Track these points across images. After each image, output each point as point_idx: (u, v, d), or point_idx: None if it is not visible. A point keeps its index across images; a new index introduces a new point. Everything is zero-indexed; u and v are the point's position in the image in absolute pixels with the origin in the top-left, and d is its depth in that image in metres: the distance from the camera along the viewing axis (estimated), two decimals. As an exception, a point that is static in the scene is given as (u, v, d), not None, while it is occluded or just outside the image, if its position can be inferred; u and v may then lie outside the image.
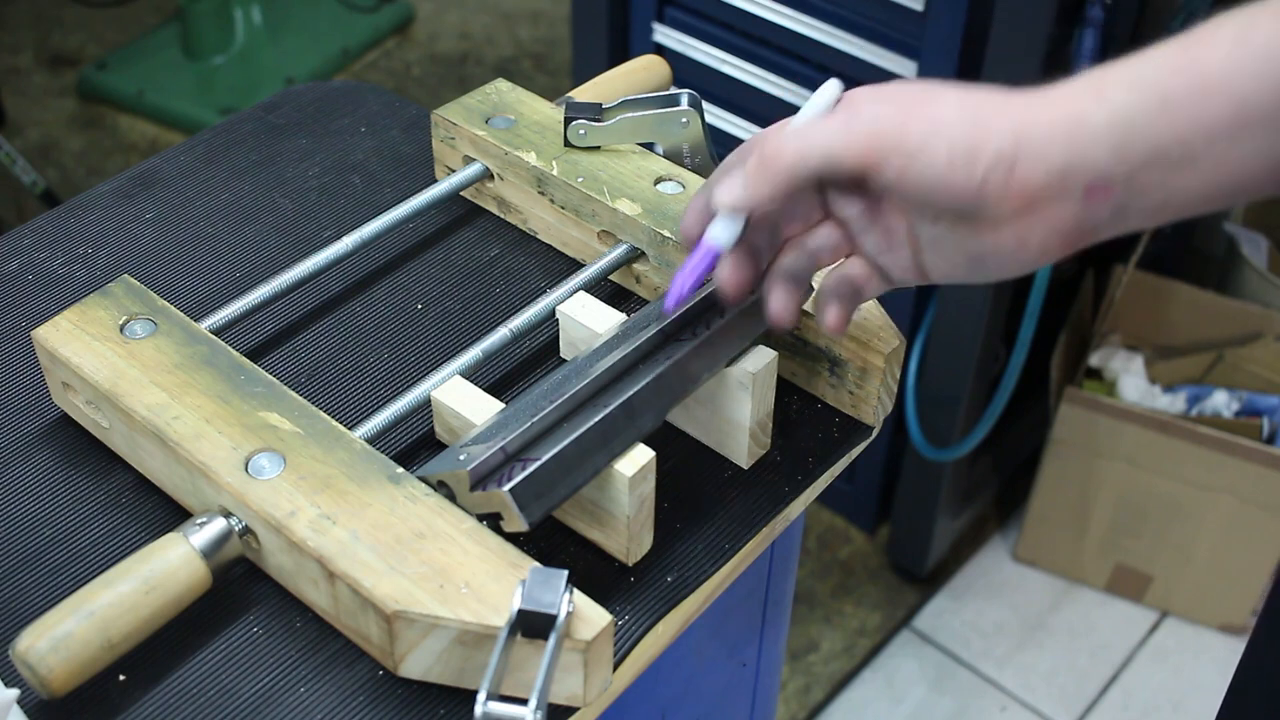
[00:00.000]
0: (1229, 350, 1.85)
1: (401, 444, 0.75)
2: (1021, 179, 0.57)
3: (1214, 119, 0.56)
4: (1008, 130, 0.57)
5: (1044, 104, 0.58)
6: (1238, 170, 0.57)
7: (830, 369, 0.78)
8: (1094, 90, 0.57)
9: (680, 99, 0.85)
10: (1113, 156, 0.57)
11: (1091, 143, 0.57)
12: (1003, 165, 0.57)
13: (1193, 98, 0.56)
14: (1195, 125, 0.56)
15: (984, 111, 0.58)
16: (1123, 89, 0.57)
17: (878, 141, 0.59)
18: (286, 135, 0.99)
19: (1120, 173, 0.57)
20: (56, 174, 2.48)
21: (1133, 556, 1.85)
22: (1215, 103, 0.55)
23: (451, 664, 0.63)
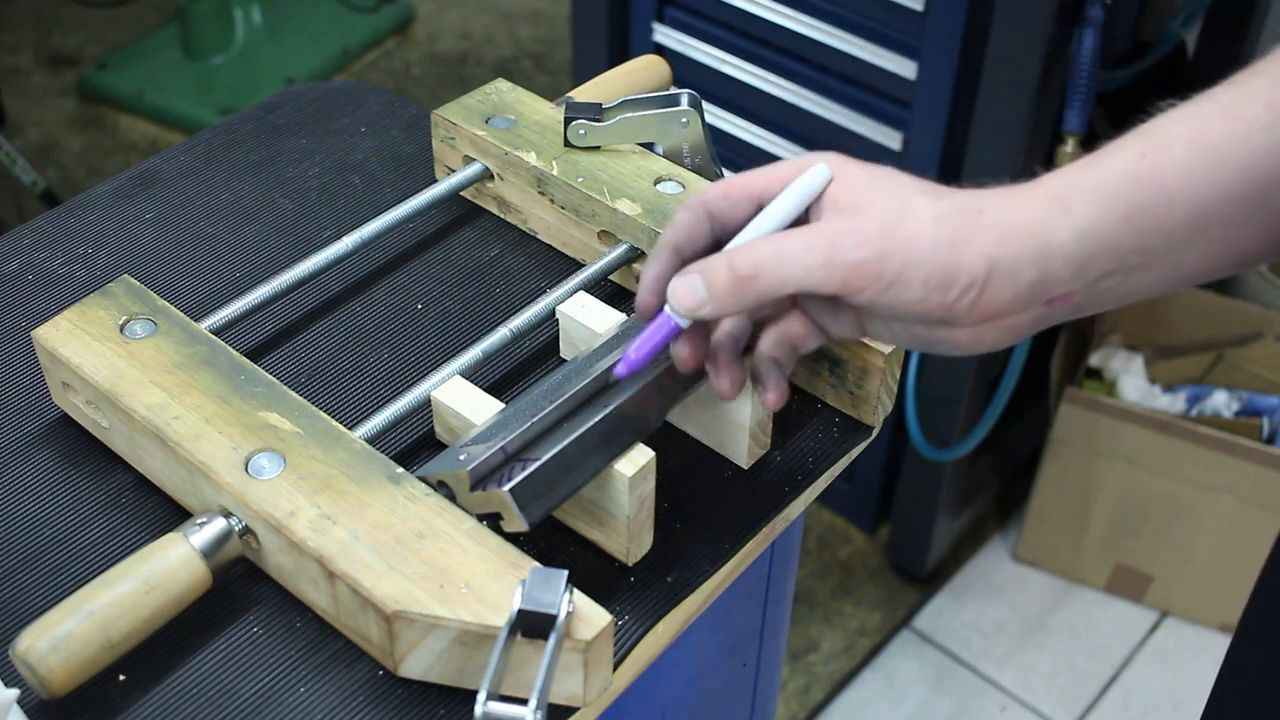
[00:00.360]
0: (1229, 350, 1.85)
1: (401, 444, 0.75)
2: (990, 298, 0.59)
3: (1174, 225, 0.58)
4: (980, 256, 0.58)
5: (1014, 219, 0.59)
6: (1193, 266, 0.60)
7: (830, 369, 0.78)
8: (1061, 205, 0.59)
9: (680, 99, 0.85)
10: (1077, 272, 0.59)
11: (1059, 261, 0.59)
12: (974, 289, 0.59)
13: (1155, 208, 0.58)
14: (1157, 233, 0.58)
15: (960, 234, 0.58)
16: (1089, 204, 0.58)
17: (855, 275, 0.59)
18: (286, 135, 0.99)
19: (1082, 283, 0.60)
20: (56, 174, 2.48)
21: (1133, 556, 1.86)
22: (1176, 211, 0.58)
23: (451, 664, 0.63)
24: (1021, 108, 1.41)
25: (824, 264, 0.59)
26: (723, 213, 0.65)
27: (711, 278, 0.61)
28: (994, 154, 1.45)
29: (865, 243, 0.58)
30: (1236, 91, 0.59)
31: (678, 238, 0.65)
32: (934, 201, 0.60)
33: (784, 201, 0.63)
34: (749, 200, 0.64)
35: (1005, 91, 1.41)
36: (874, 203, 0.60)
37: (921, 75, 1.48)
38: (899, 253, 0.58)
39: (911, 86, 1.49)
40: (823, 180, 0.62)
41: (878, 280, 0.59)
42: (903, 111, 1.53)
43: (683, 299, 0.62)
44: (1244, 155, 0.57)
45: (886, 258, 0.58)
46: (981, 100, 1.44)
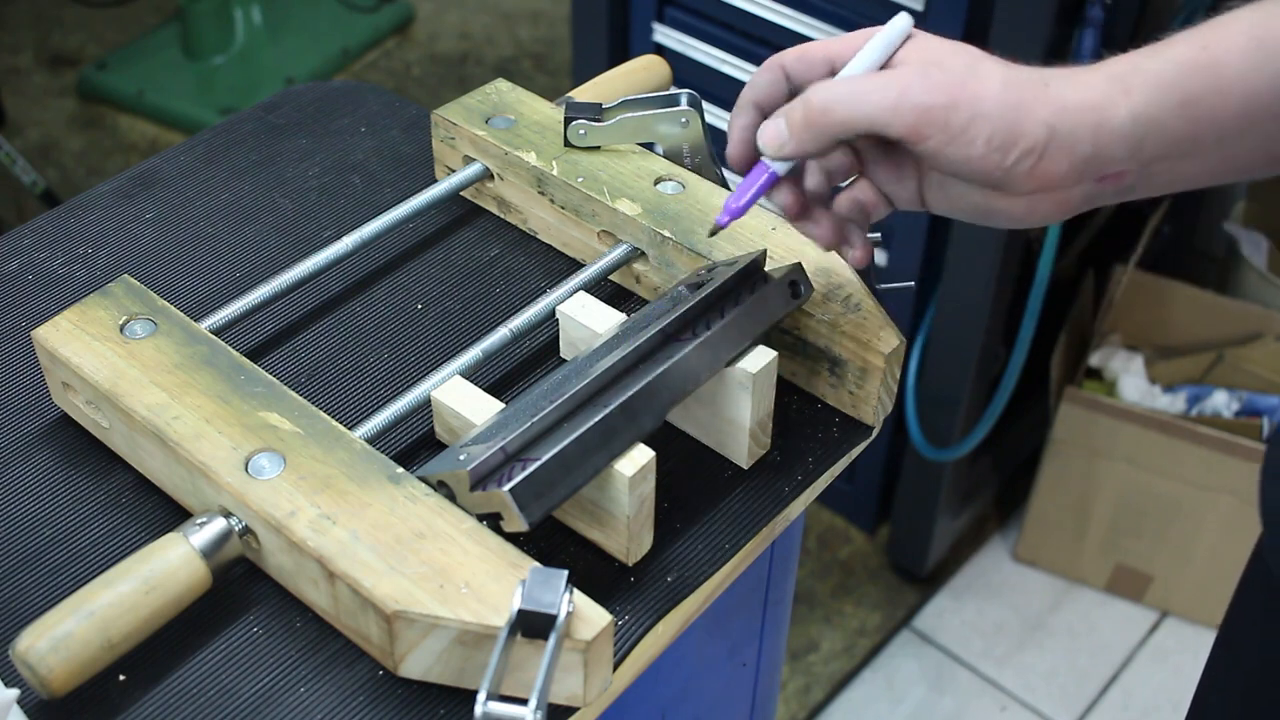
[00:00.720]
0: (1229, 350, 1.85)
1: (401, 444, 0.75)
2: (1047, 166, 0.62)
3: (1226, 117, 0.61)
4: (1043, 123, 0.61)
5: (1076, 95, 0.62)
6: (1240, 159, 0.63)
7: (830, 369, 0.78)
8: (1121, 86, 0.61)
9: (680, 99, 0.85)
10: (1131, 151, 0.62)
11: (1114, 138, 0.61)
12: (1033, 155, 0.62)
13: (1209, 98, 0.61)
14: (1210, 123, 0.61)
15: (1025, 99, 0.61)
16: (1147, 88, 0.61)
17: (925, 119, 0.62)
18: (286, 135, 0.99)
19: (1135, 163, 0.62)
20: (56, 174, 2.48)
21: (1133, 556, 1.85)
22: (1230, 102, 0.61)
23: (451, 664, 0.63)
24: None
25: (894, 105, 0.62)
26: (798, 74, 0.68)
27: (790, 116, 0.65)
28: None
29: (936, 89, 0.62)
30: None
31: (757, 95, 0.70)
32: (1004, 68, 0.63)
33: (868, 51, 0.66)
34: (824, 63, 0.68)
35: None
36: (947, 60, 0.64)
37: (921, 75, 1.47)
38: (968, 105, 0.61)
39: (911, 86, 1.49)
40: (905, 27, 0.67)
41: (945, 129, 0.62)
42: (903, 111, 1.52)
43: (768, 140, 0.67)
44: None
45: (955, 107, 0.61)
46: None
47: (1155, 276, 1.87)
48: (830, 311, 0.76)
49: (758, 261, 0.75)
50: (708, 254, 0.80)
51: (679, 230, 0.81)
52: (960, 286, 1.57)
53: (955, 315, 1.61)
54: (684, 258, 0.81)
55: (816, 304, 0.77)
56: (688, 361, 0.70)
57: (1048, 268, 1.54)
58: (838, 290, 0.78)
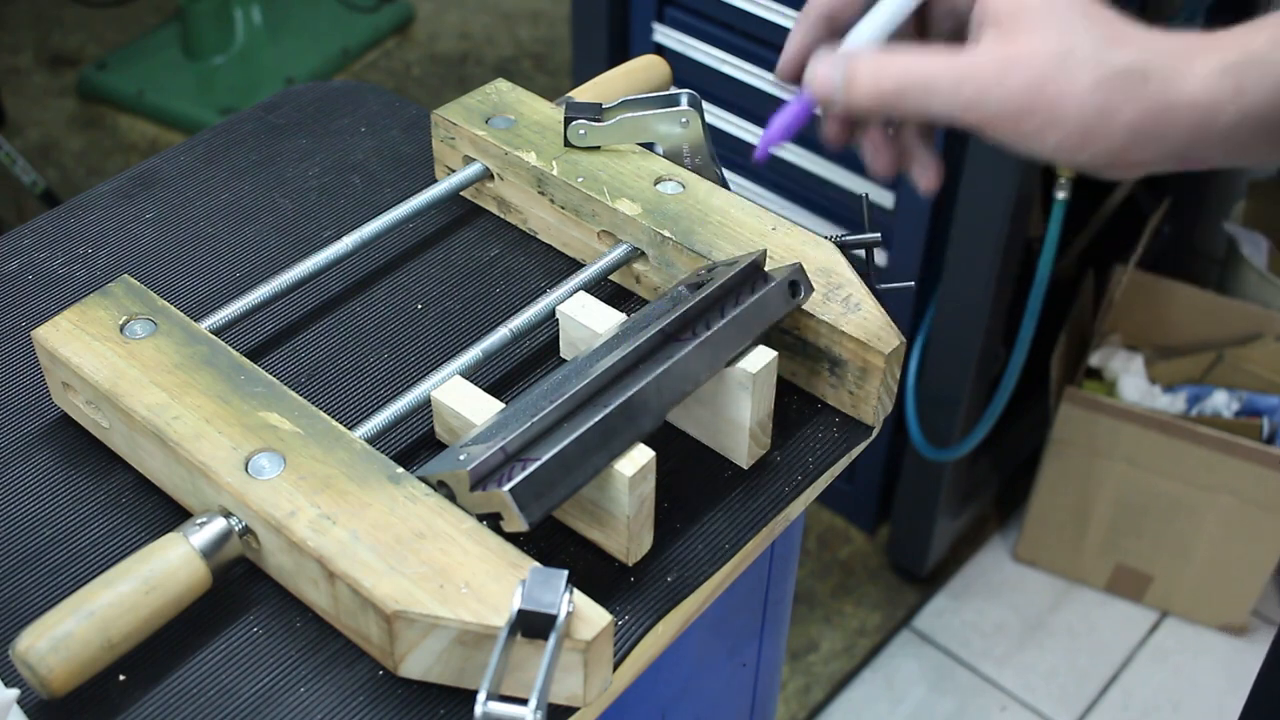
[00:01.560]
0: (1229, 350, 1.85)
1: (401, 444, 0.75)
2: (1127, 158, 0.57)
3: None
4: (1127, 126, 0.56)
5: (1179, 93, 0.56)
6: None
7: (830, 369, 0.78)
8: (1235, 82, 0.55)
9: (680, 99, 0.85)
10: (1228, 149, 0.57)
11: (1214, 138, 0.56)
12: (1110, 153, 0.57)
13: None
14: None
15: (1113, 101, 0.56)
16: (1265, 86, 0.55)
17: (994, 122, 0.58)
18: (286, 135, 0.99)
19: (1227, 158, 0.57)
20: (56, 174, 2.48)
21: (1133, 556, 1.85)
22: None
23: (451, 664, 0.63)
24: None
25: (966, 106, 0.58)
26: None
27: (853, 80, 0.59)
28: (992, 153, 1.45)
29: (1010, 96, 0.57)
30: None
31: (832, 6, 0.63)
32: (1099, 56, 0.56)
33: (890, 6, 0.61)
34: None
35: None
36: (1037, 35, 0.57)
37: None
38: (1045, 110, 0.56)
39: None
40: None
41: (1014, 131, 0.57)
42: (903, 111, 1.52)
43: (820, 84, 0.61)
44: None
45: (1031, 113, 0.57)
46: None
47: (1155, 276, 1.87)
48: (830, 311, 0.76)
49: (758, 261, 0.75)
50: (708, 254, 0.80)
51: (679, 230, 0.81)
52: (960, 286, 1.57)
53: (955, 315, 1.61)
54: (684, 258, 0.81)
55: (816, 304, 0.76)
56: (688, 361, 0.70)
57: (1048, 268, 1.54)
58: (838, 290, 0.78)
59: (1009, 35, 0.57)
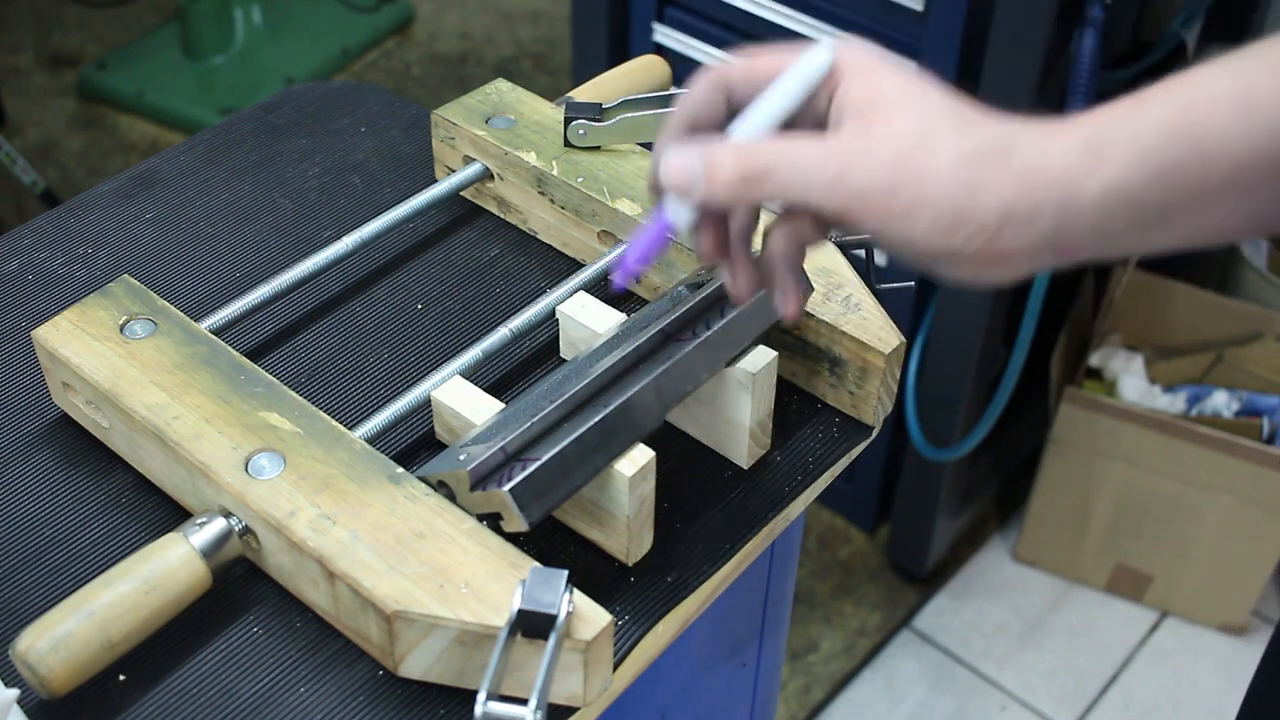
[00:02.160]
0: (1229, 350, 1.85)
1: (401, 444, 0.75)
2: (999, 246, 0.56)
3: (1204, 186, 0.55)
4: (996, 204, 0.55)
5: (1042, 167, 0.56)
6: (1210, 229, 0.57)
7: (830, 369, 0.78)
8: (1094, 155, 0.55)
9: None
10: (1095, 229, 0.56)
11: (1081, 214, 0.56)
12: (984, 235, 0.56)
13: (1188, 167, 0.55)
14: (1186, 192, 0.55)
15: (980, 177, 0.55)
16: (1124, 157, 0.55)
17: (860, 204, 0.56)
18: (286, 135, 0.99)
19: (1099, 239, 0.57)
20: (56, 174, 2.48)
21: (1133, 556, 1.85)
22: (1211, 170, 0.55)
23: (451, 664, 0.63)
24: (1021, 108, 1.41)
25: (830, 186, 0.56)
26: (741, 93, 0.61)
27: (713, 169, 0.58)
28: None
29: (876, 172, 0.56)
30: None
31: (693, 113, 0.62)
32: (960, 135, 0.56)
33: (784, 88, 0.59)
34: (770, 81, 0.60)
35: (1005, 91, 1.41)
36: (896, 119, 0.57)
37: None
38: (910, 188, 0.55)
39: (911, 86, 1.49)
40: (822, 67, 0.59)
41: (883, 212, 0.56)
42: (903, 111, 1.52)
43: (674, 174, 0.58)
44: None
45: (895, 192, 0.56)
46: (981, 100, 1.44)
47: (1155, 276, 1.87)
48: (830, 311, 0.76)
49: (758, 261, 0.75)
50: (708, 254, 0.80)
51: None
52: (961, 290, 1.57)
53: (955, 315, 1.61)
54: (684, 258, 0.81)
55: (816, 304, 0.76)
56: (688, 361, 0.70)
57: (1048, 268, 1.54)
58: (838, 290, 0.78)
59: (869, 121, 0.57)
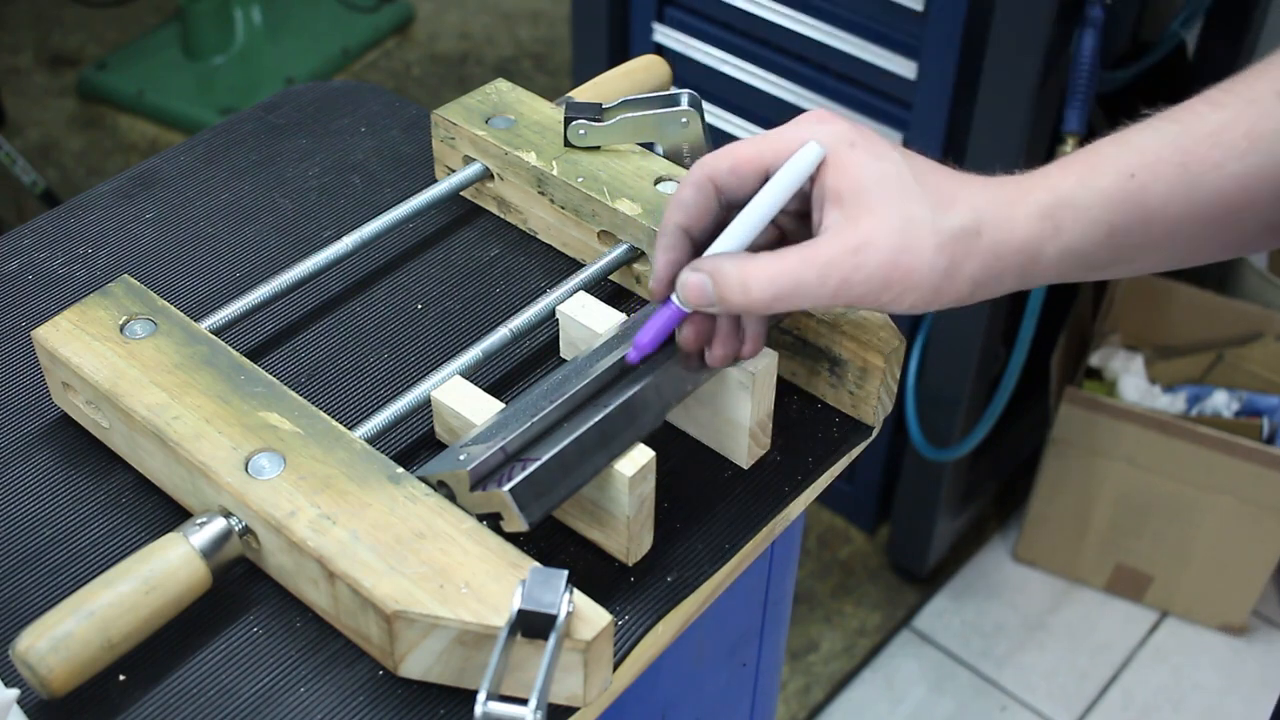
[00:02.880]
0: (1229, 350, 1.85)
1: (401, 444, 0.75)
2: (973, 301, 0.64)
3: (1147, 241, 0.63)
4: (969, 280, 0.62)
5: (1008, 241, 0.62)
6: (1151, 267, 0.66)
7: (830, 369, 0.78)
8: (1052, 224, 0.62)
9: (680, 99, 0.85)
10: (1052, 278, 0.64)
11: (1040, 273, 0.64)
12: (959, 300, 0.64)
13: (1134, 227, 0.63)
14: (1130, 247, 0.64)
15: (956, 260, 0.62)
16: (1079, 225, 0.63)
17: (861, 298, 0.63)
18: (286, 135, 0.99)
19: (1055, 279, 0.65)
20: (56, 174, 2.48)
21: (1133, 556, 1.86)
22: (1153, 230, 0.63)
23: (451, 664, 0.63)
24: (1021, 108, 1.41)
25: (834, 294, 0.62)
26: (730, 187, 0.66)
27: (725, 292, 0.63)
28: (994, 154, 1.45)
29: (871, 277, 0.62)
30: (1221, 115, 0.62)
31: (686, 217, 0.66)
32: (938, 220, 0.62)
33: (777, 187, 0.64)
34: (757, 175, 0.65)
35: (1005, 92, 1.41)
36: (880, 213, 0.62)
37: (921, 75, 1.48)
38: (900, 281, 0.62)
39: (911, 86, 1.49)
40: (813, 161, 0.64)
41: (875, 302, 0.63)
42: (903, 111, 1.53)
43: (693, 297, 0.64)
44: (1219, 182, 0.62)
45: (889, 287, 0.62)
46: (981, 100, 1.44)
47: (1155, 276, 1.87)
48: (830, 311, 0.76)
49: (758, 261, 0.75)
50: (708, 254, 0.80)
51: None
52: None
53: (955, 315, 1.61)
54: (684, 258, 0.80)
55: (816, 304, 0.76)
56: (688, 361, 0.70)
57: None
58: (838, 290, 0.77)
59: (851, 217, 0.62)
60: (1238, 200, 0.62)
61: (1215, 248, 0.65)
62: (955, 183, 0.63)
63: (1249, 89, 0.62)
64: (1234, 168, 0.61)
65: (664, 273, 0.67)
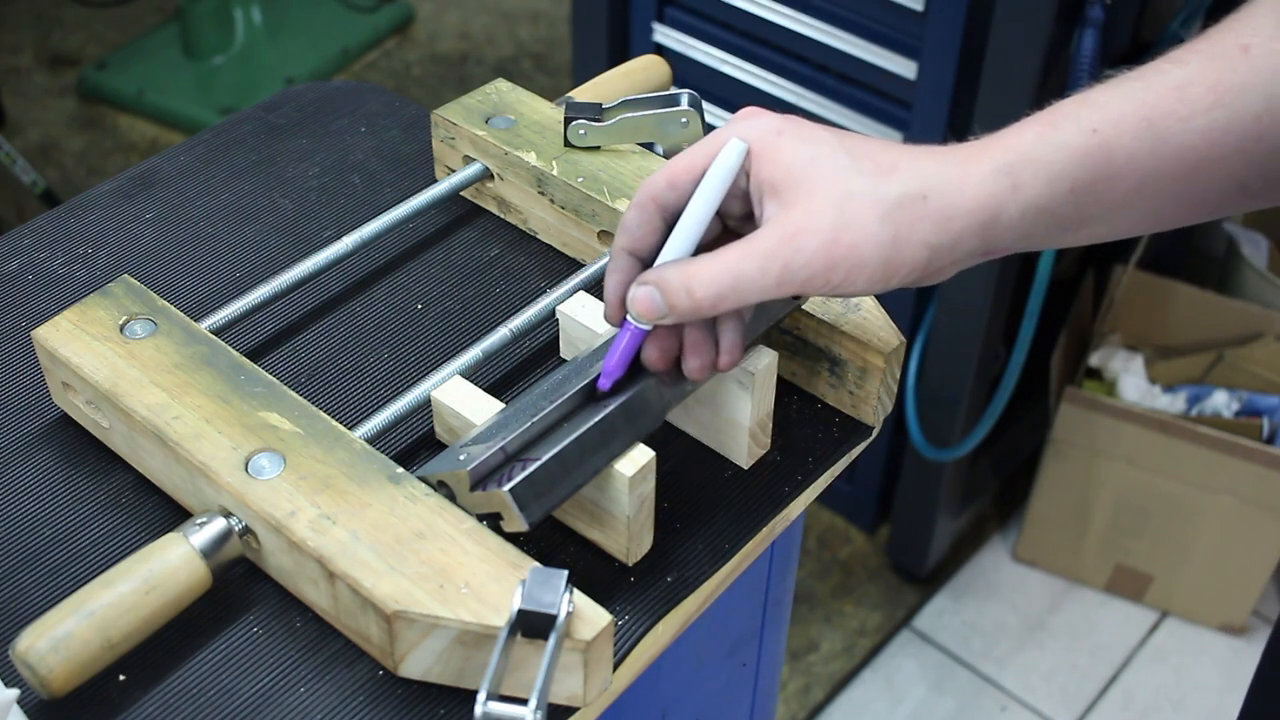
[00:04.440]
0: (1229, 350, 1.85)
1: (401, 444, 0.75)
2: (931, 270, 0.62)
3: (1113, 197, 0.61)
4: (921, 246, 0.61)
5: (960, 202, 0.60)
6: (1122, 227, 0.64)
7: (830, 369, 0.78)
8: (1010, 180, 0.61)
9: (680, 99, 0.85)
10: (1018, 238, 0.62)
11: (1003, 233, 0.62)
12: (915, 271, 0.61)
13: (1099, 183, 0.61)
14: (1097, 204, 0.62)
15: (901, 228, 0.60)
16: (1039, 181, 0.61)
17: (807, 286, 0.61)
18: (286, 135, 0.99)
19: (1020, 244, 0.63)
20: (56, 174, 2.48)
21: (1133, 556, 1.85)
22: (1117, 185, 0.61)
23: (451, 664, 0.63)
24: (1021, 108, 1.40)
25: (779, 283, 0.61)
26: (671, 202, 0.65)
27: (672, 299, 0.62)
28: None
29: (813, 260, 0.60)
30: (1185, 70, 0.61)
31: (630, 242, 0.66)
32: (878, 189, 0.60)
33: (706, 189, 0.64)
34: (693, 184, 0.65)
35: (1005, 92, 1.41)
36: (814, 196, 0.61)
37: (921, 75, 1.48)
38: (845, 260, 0.60)
39: (911, 86, 1.49)
40: (737, 156, 0.63)
41: (825, 285, 0.61)
42: (903, 111, 1.53)
43: (644, 310, 0.64)
44: (1184, 135, 0.60)
45: (833, 269, 0.60)
46: (981, 100, 1.44)
47: (1155, 276, 1.87)
48: (830, 311, 0.76)
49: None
50: (708, 254, 0.80)
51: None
52: (960, 286, 1.57)
53: (955, 315, 1.61)
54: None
55: (816, 304, 0.77)
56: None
57: (1048, 268, 1.54)
58: (838, 290, 0.77)
59: (786, 204, 0.61)
60: (1205, 154, 0.61)
61: (1186, 207, 0.63)
62: (897, 153, 0.62)
63: (1212, 45, 0.62)
64: (1200, 122, 0.60)
65: (614, 294, 0.67)
